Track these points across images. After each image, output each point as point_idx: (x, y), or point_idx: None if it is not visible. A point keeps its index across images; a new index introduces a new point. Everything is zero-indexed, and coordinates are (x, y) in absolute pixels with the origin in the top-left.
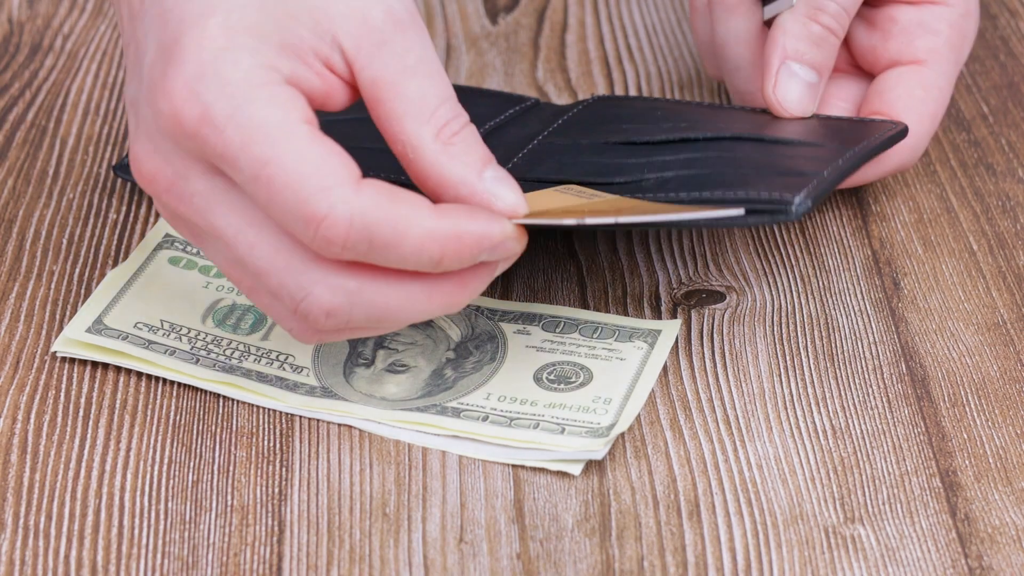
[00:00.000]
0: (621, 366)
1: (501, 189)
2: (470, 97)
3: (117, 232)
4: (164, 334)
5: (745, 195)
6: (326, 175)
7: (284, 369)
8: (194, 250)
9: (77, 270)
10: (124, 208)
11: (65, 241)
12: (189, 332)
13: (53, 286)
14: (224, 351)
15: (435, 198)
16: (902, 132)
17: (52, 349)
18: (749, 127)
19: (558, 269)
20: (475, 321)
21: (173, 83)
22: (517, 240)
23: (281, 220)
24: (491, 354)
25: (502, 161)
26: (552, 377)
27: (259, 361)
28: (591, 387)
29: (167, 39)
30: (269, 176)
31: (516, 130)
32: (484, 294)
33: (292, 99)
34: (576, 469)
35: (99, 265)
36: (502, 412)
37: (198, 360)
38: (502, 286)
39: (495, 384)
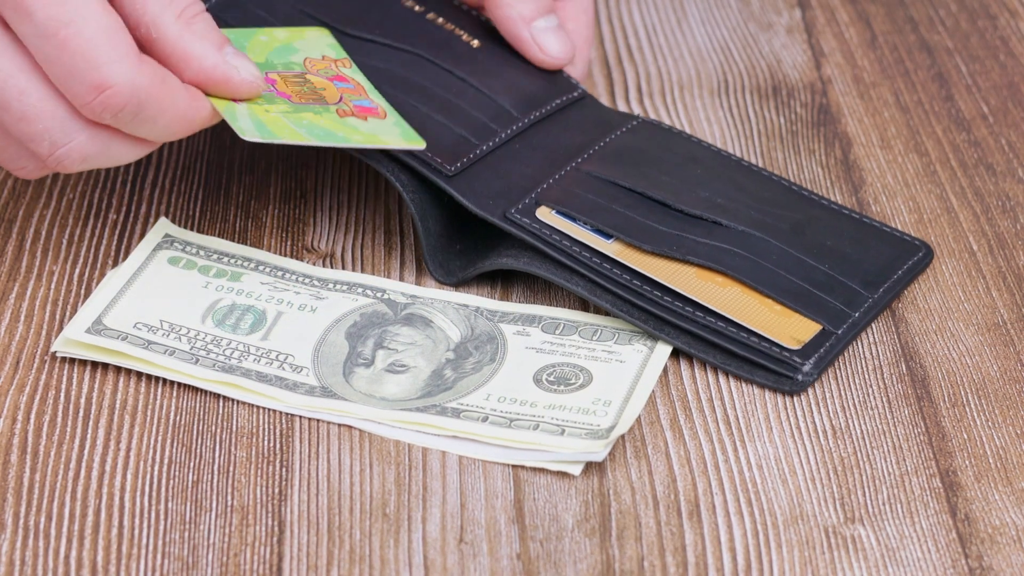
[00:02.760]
0: (621, 368)
1: (239, 61)
2: (521, 64)
3: (117, 232)
4: (164, 334)
5: (757, 345)
6: (117, 46)
7: (284, 369)
8: (194, 250)
9: (77, 270)
10: (124, 208)
11: (65, 241)
12: (188, 332)
13: (53, 286)
14: (224, 351)
15: (178, 74)
16: (927, 256)
17: (52, 349)
18: (780, 221)
19: None
20: (475, 322)
21: None
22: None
23: (60, 78)
24: (491, 355)
25: (541, 171)
26: (552, 378)
27: (259, 361)
28: (591, 389)
29: None
30: (65, 38)
31: (559, 133)
32: (484, 294)
33: None
34: (576, 469)
35: (99, 265)
36: (502, 413)
37: (197, 360)
38: (503, 286)
39: (495, 385)
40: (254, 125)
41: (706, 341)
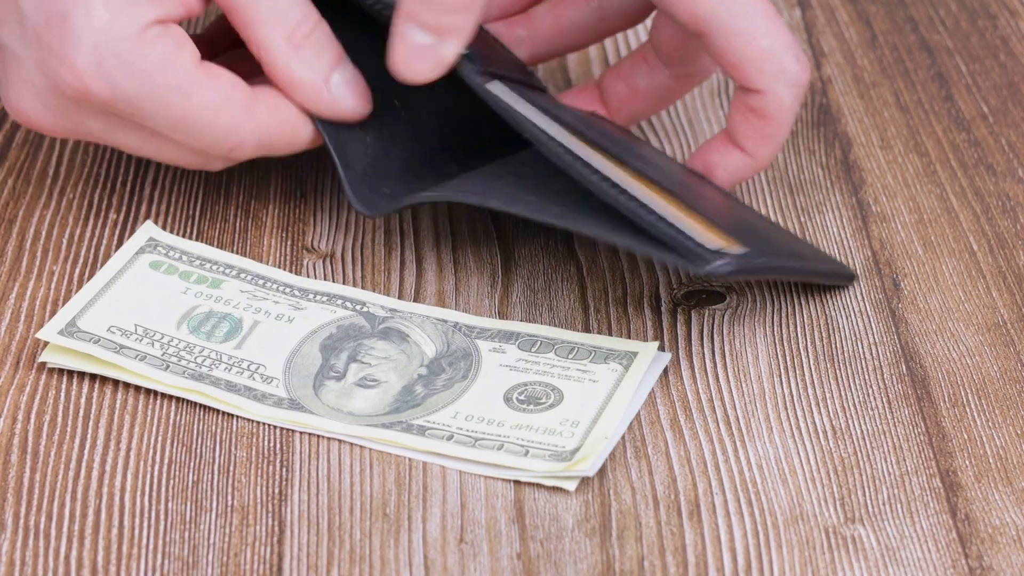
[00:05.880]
0: (593, 388)
1: (343, 92)
2: (500, 55)
3: (117, 232)
4: (137, 339)
5: (676, 234)
6: (231, 113)
7: (254, 379)
8: (176, 255)
9: (77, 270)
10: (124, 208)
11: (65, 241)
12: (162, 338)
13: (53, 286)
14: (196, 359)
15: (287, 96)
16: (848, 279)
17: (39, 359)
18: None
19: (558, 269)
20: (451, 337)
21: (75, 59)
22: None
23: (194, 151)
24: (464, 372)
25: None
26: (522, 398)
27: (229, 370)
28: (560, 409)
29: (54, 11)
30: (187, 128)
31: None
32: (484, 293)
33: (178, 47)
34: (571, 485)
35: (99, 265)
36: (468, 432)
37: (168, 367)
38: (503, 284)
39: (464, 403)
40: None
41: (624, 226)
